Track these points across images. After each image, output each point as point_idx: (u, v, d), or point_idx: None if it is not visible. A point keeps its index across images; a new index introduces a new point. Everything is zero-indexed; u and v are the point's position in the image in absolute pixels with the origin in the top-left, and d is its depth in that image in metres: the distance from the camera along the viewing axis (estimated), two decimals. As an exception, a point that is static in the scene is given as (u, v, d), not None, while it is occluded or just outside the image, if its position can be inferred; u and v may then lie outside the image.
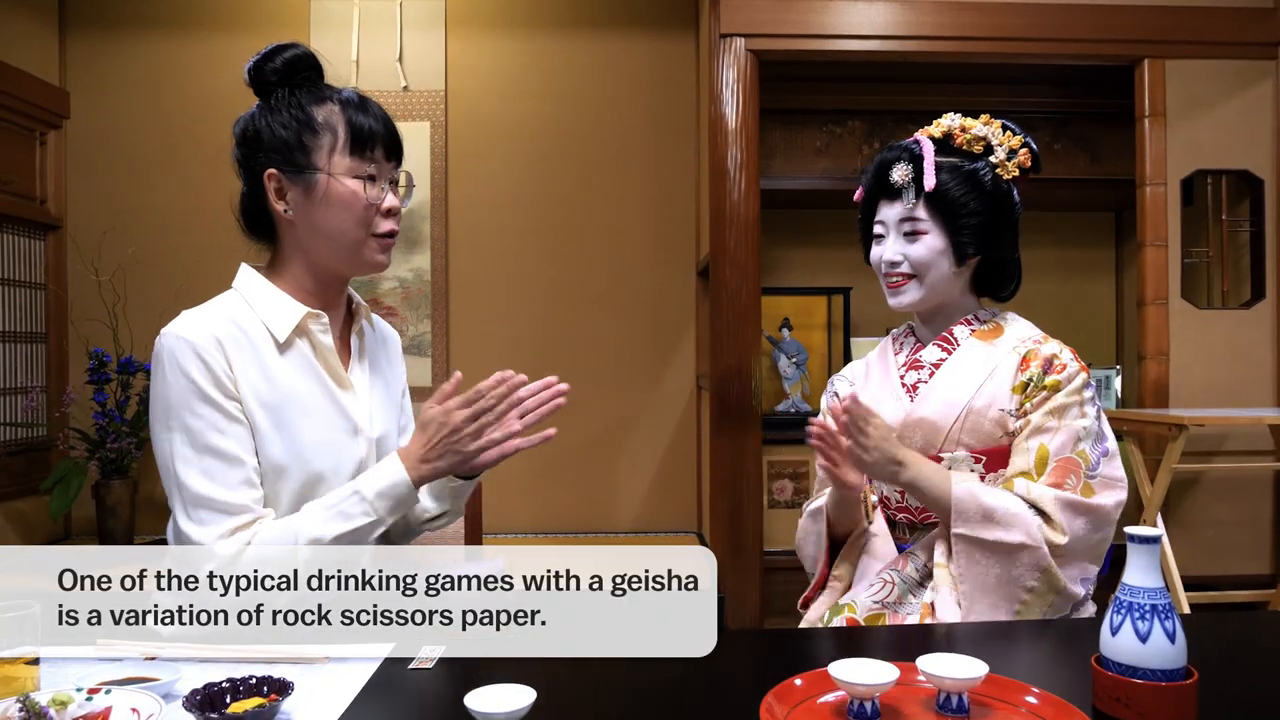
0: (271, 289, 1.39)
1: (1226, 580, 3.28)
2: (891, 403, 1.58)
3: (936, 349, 1.60)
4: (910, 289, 1.57)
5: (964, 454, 1.51)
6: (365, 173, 1.35)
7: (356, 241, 1.37)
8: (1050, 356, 1.50)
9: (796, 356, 4.07)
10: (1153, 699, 0.90)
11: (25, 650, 0.99)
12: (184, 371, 1.28)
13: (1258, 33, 3.33)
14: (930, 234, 1.54)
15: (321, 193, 1.35)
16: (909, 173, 1.53)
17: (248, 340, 1.34)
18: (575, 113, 4.16)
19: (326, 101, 1.37)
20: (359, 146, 1.35)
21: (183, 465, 1.28)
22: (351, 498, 1.30)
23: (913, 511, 1.56)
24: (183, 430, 1.28)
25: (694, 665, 1.13)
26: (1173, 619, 0.92)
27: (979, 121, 1.59)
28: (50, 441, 3.86)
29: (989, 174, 1.56)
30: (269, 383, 1.33)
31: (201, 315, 1.35)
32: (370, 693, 1.01)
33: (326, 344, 1.40)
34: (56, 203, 4.01)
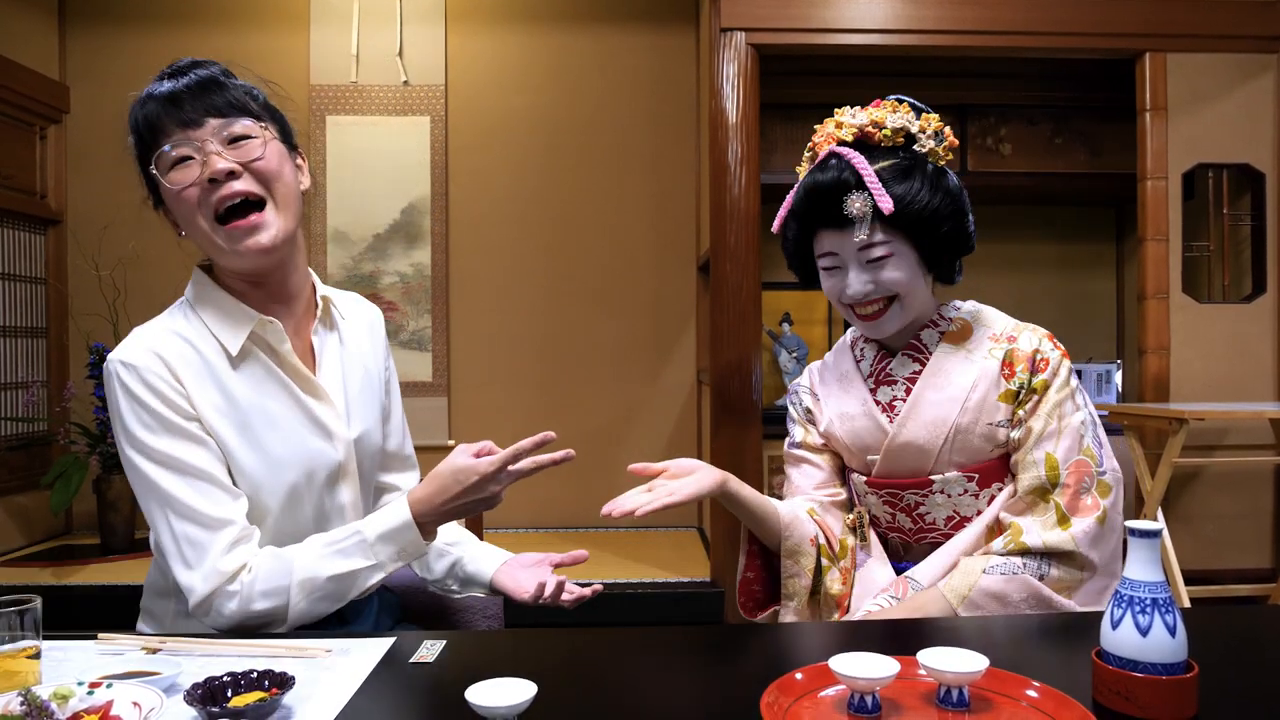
0: (220, 296, 1.31)
1: (1227, 574, 3.29)
2: (866, 423, 1.49)
3: (907, 360, 1.48)
4: (892, 315, 1.43)
5: (955, 474, 1.43)
6: (173, 159, 1.24)
7: (214, 239, 1.26)
8: (1031, 354, 1.42)
9: (797, 351, 4.07)
10: (1153, 692, 0.90)
11: (27, 644, 0.99)
12: (135, 398, 1.22)
13: (1259, 26, 3.33)
14: (897, 254, 1.39)
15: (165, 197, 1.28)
16: (867, 201, 1.36)
17: (199, 356, 1.27)
18: (575, 107, 4.16)
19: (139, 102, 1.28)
20: (152, 138, 1.25)
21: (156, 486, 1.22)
22: (351, 537, 1.25)
23: (905, 532, 1.51)
24: (148, 455, 1.22)
25: (695, 660, 1.13)
26: (1173, 613, 0.92)
27: (886, 110, 1.45)
28: (51, 436, 3.86)
29: (929, 167, 1.41)
30: (227, 398, 1.27)
31: (148, 335, 1.28)
32: (372, 687, 1.01)
33: (285, 351, 1.32)
34: (57, 197, 4.01)
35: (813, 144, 1.49)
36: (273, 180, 1.27)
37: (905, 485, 1.47)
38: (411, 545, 1.26)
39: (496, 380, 4.13)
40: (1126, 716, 0.91)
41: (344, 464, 1.36)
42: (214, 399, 1.26)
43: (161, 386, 1.23)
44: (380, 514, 1.27)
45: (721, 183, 3.22)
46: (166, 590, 1.34)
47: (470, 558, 1.49)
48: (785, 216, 1.50)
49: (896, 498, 1.48)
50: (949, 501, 1.45)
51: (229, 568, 1.21)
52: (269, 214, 1.27)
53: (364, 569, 1.24)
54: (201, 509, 1.22)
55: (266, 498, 1.29)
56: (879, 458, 1.47)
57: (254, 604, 1.21)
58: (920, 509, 1.47)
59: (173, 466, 1.22)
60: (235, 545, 1.23)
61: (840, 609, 1.49)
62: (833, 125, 1.47)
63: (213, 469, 1.24)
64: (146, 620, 1.39)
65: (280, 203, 1.28)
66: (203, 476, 1.23)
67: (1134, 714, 0.90)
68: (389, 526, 1.25)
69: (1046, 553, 1.34)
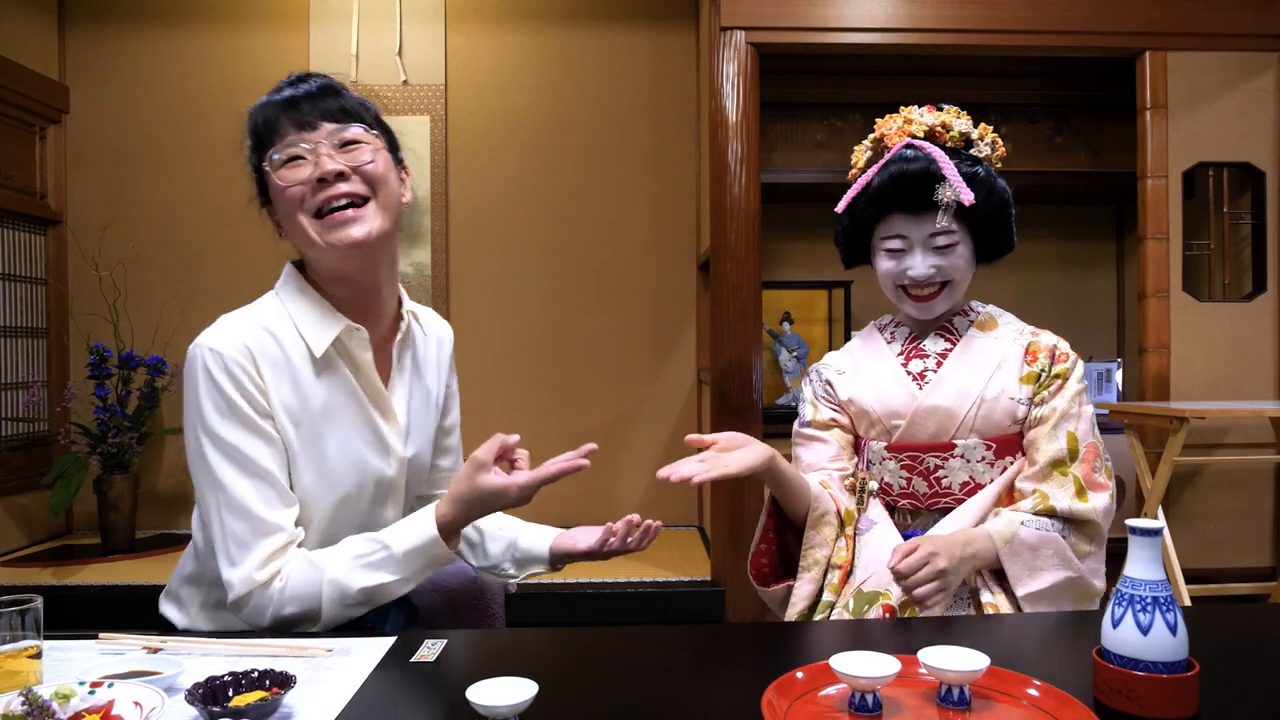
0: (311, 297, 1.33)
1: (1227, 573, 3.29)
2: (896, 388, 1.59)
3: (939, 339, 1.63)
4: (942, 299, 1.58)
5: (976, 440, 1.54)
6: (285, 156, 1.29)
7: (313, 235, 1.29)
8: (1051, 347, 1.57)
9: (797, 350, 4.07)
10: (1154, 691, 0.90)
11: (28, 644, 0.99)
12: (216, 385, 1.23)
13: (1259, 24, 3.32)
14: (961, 243, 1.55)
15: (272, 195, 1.32)
16: (953, 194, 1.50)
17: (283, 353, 1.29)
18: (575, 106, 4.16)
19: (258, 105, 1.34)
20: (267, 137, 1.30)
21: (218, 479, 1.24)
22: (378, 551, 1.26)
23: (918, 498, 1.57)
24: (215, 444, 1.24)
25: (696, 659, 1.13)
26: (1174, 611, 0.92)
27: (951, 115, 1.59)
28: (51, 436, 3.86)
29: (987, 171, 1.57)
30: (301, 399, 1.29)
31: (237, 324, 1.29)
32: (373, 686, 1.01)
33: (365, 361, 1.34)
34: (57, 197, 4.01)
35: (879, 134, 1.61)
36: (378, 184, 1.31)
37: (927, 449, 1.56)
38: (441, 557, 1.28)
39: (497, 379, 4.12)
40: (1127, 715, 0.91)
41: (394, 481, 1.38)
42: (289, 399, 1.28)
43: (243, 379, 1.24)
44: (406, 529, 1.27)
45: (722, 182, 3.22)
46: (199, 579, 1.35)
47: (524, 536, 1.54)
48: (857, 197, 1.60)
49: (916, 461, 1.57)
50: (967, 467, 1.55)
51: (266, 575, 1.22)
52: (368, 209, 1.30)
53: (393, 582, 1.26)
54: (255, 509, 1.23)
55: (316, 504, 1.30)
56: (904, 422, 1.57)
57: (285, 609, 1.23)
58: (939, 473, 1.56)
59: (237, 460, 1.23)
60: (278, 552, 1.24)
61: (842, 573, 1.55)
62: (901, 120, 1.59)
63: (275, 469, 1.26)
64: (170, 604, 1.39)
65: (381, 203, 1.31)
66: (264, 476, 1.24)
67: (1135, 713, 0.91)
68: (417, 543, 1.26)
69: (1070, 519, 1.47)
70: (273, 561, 1.23)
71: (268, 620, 1.23)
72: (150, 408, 3.74)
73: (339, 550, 1.27)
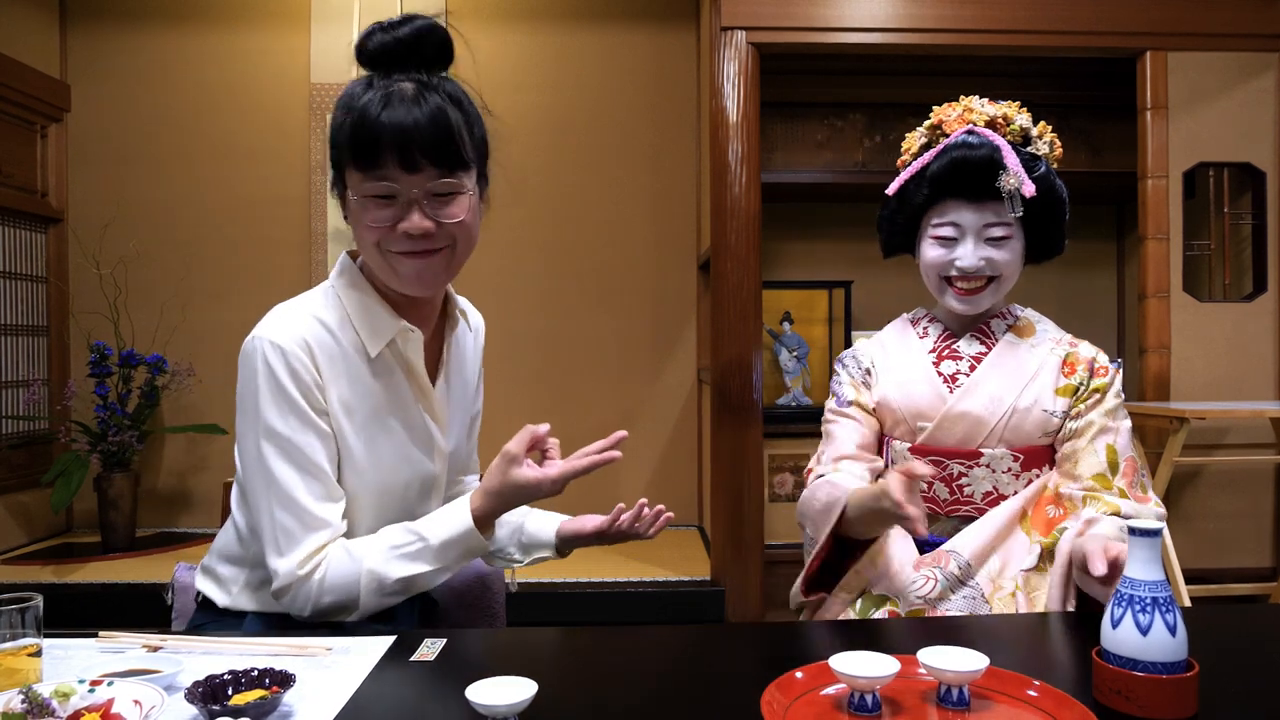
0: (367, 293, 1.31)
1: (1227, 573, 3.29)
2: (925, 389, 1.55)
3: (975, 341, 1.58)
4: (989, 293, 1.53)
5: (1004, 451, 1.51)
6: (375, 191, 1.21)
7: (381, 262, 1.26)
8: (1090, 359, 1.54)
9: (798, 350, 4.07)
10: (1153, 691, 0.90)
11: (28, 642, 0.99)
12: (274, 378, 1.23)
13: (1260, 25, 3.32)
14: (1014, 237, 1.51)
15: (349, 207, 1.26)
16: (1016, 181, 1.45)
17: (339, 349, 1.28)
18: (576, 106, 4.16)
19: (358, 100, 1.21)
20: (364, 157, 1.20)
21: (271, 472, 1.24)
22: (414, 542, 1.26)
23: (939, 503, 1.54)
24: (270, 437, 1.23)
25: (696, 659, 1.13)
26: (1174, 612, 0.92)
27: (1010, 107, 1.56)
28: (52, 434, 3.86)
29: (1047, 168, 1.53)
30: (357, 395, 1.29)
31: (295, 317, 1.28)
32: (372, 685, 1.01)
33: (417, 362, 1.33)
34: (58, 196, 4.01)
35: (937, 120, 1.58)
36: (460, 238, 1.27)
37: (952, 455, 1.52)
38: (476, 547, 1.28)
39: (497, 379, 4.09)
40: (1126, 715, 0.91)
41: (438, 477, 1.39)
42: (345, 395, 1.28)
43: (303, 374, 1.24)
44: (442, 520, 1.28)
45: (722, 181, 3.22)
46: (243, 560, 1.35)
47: (531, 521, 1.54)
48: (912, 179, 1.56)
49: (941, 466, 1.53)
50: (991, 476, 1.52)
51: (309, 569, 1.23)
52: (440, 260, 1.26)
53: (430, 572, 1.26)
54: (305, 504, 1.24)
55: (365, 498, 1.31)
56: (932, 425, 1.53)
57: (324, 599, 1.24)
58: (962, 480, 1.52)
59: (291, 455, 1.24)
60: (323, 548, 1.24)
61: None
62: (961, 109, 1.56)
63: (326, 465, 1.26)
64: (210, 580, 1.39)
65: (458, 256, 1.28)
66: (315, 472, 1.25)
67: (1134, 713, 0.91)
68: (453, 533, 1.26)
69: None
70: (317, 556, 1.24)
71: (308, 611, 1.24)
72: (150, 406, 3.74)
73: (376, 541, 1.27)
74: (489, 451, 1.56)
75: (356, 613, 1.26)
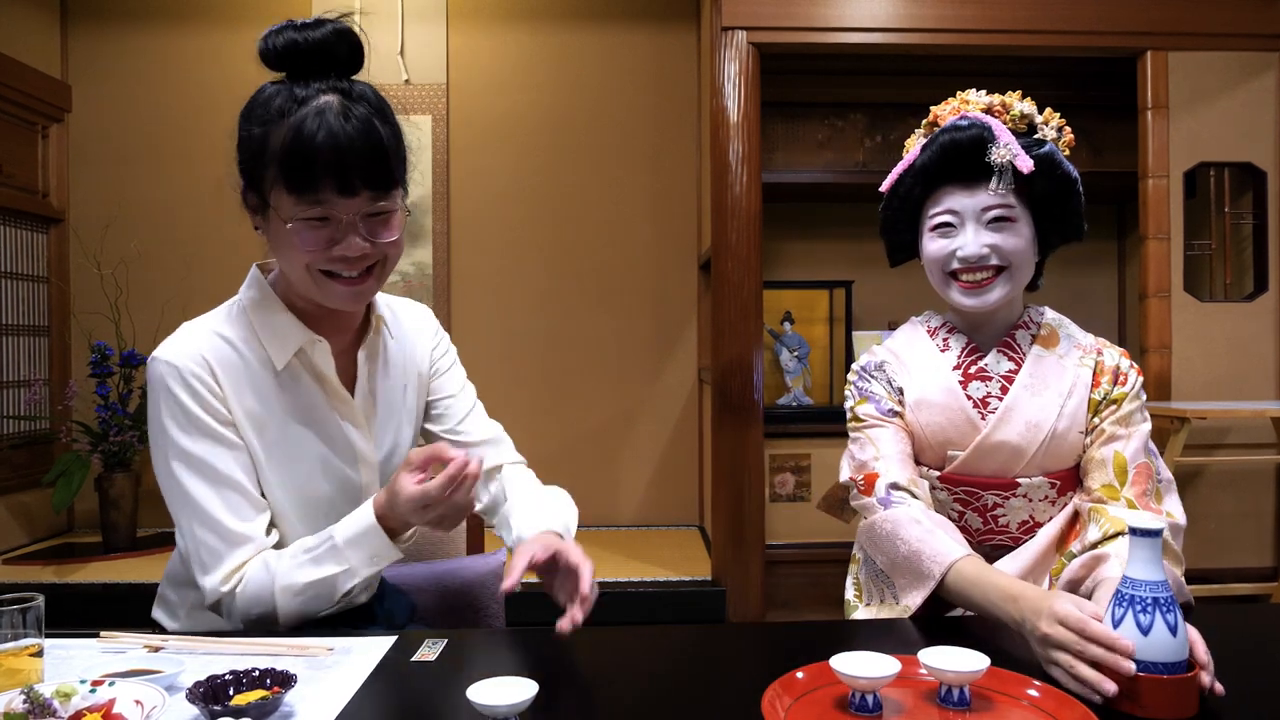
0: (275, 306, 1.29)
1: (1229, 573, 3.28)
2: (955, 416, 1.42)
3: (1003, 358, 1.45)
4: (998, 286, 1.39)
5: (1041, 479, 1.42)
6: (310, 215, 1.16)
7: (311, 283, 1.22)
8: (1114, 368, 1.43)
9: (798, 350, 4.07)
10: (1153, 691, 0.90)
11: (29, 642, 0.99)
12: (174, 398, 1.22)
13: (1260, 24, 3.32)
14: (1019, 221, 1.38)
15: (273, 227, 1.20)
16: (1009, 154, 1.34)
17: (243, 362, 1.26)
18: (577, 106, 4.16)
19: (285, 117, 1.15)
20: (298, 183, 1.14)
21: (185, 492, 1.23)
22: (324, 543, 1.23)
23: (972, 532, 1.46)
24: (180, 457, 1.23)
25: (696, 659, 1.13)
26: (1174, 611, 0.92)
27: (1011, 96, 1.46)
28: (53, 434, 3.86)
29: (1053, 149, 1.40)
30: (265, 407, 1.27)
31: (193, 334, 1.27)
32: (373, 685, 1.01)
33: (328, 372, 1.30)
34: (59, 196, 4.02)
35: (933, 117, 1.48)
36: (392, 254, 1.25)
37: (986, 485, 1.42)
38: (382, 549, 1.22)
39: (498, 378, 4.12)
40: (1127, 716, 0.91)
41: (365, 488, 1.36)
42: (252, 407, 1.26)
43: (200, 389, 1.22)
44: (351, 517, 1.24)
45: (723, 181, 3.22)
46: (186, 581, 1.34)
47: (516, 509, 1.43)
48: (905, 174, 1.46)
49: (974, 496, 1.44)
50: (1028, 505, 1.43)
51: (231, 585, 1.22)
52: (372, 279, 1.24)
53: (338, 574, 1.22)
54: (223, 520, 1.22)
55: (288, 512, 1.30)
56: (964, 454, 1.42)
57: (250, 611, 1.23)
58: (996, 510, 1.44)
59: (202, 472, 1.23)
60: (244, 560, 1.23)
61: None
62: (957, 101, 1.47)
63: (241, 477, 1.24)
64: (161, 607, 1.40)
65: (389, 269, 1.26)
66: (231, 485, 1.24)
67: (1134, 713, 0.91)
68: (356, 530, 1.22)
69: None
70: (240, 571, 1.23)
71: (236, 620, 1.24)
72: (151, 406, 3.74)
73: (293, 546, 1.26)
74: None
75: (280, 623, 1.23)
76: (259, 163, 1.19)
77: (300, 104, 1.16)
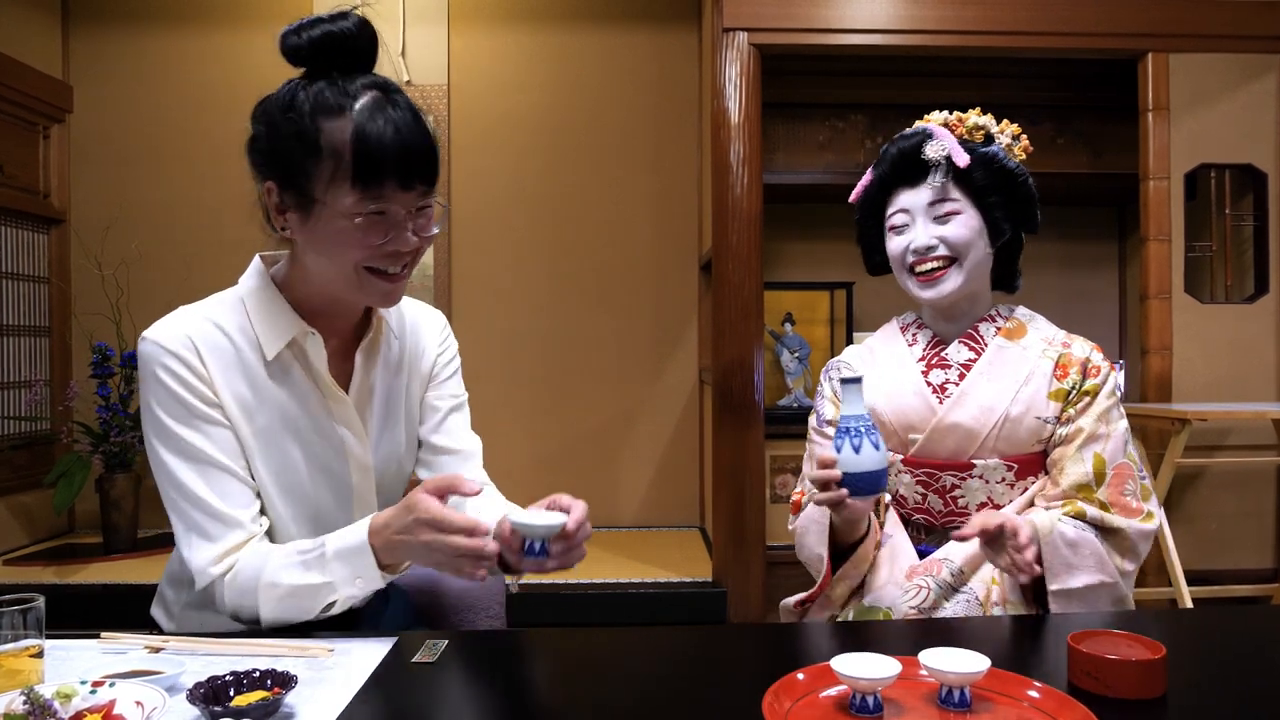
0: (272, 296, 1.28)
1: (1229, 575, 3.28)
2: (915, 401, 1.52)
3: (964, 348, 1.54)
4: (950, 276, 1.49)
5: (997, 461, 1.48)
6: (371, 209, 1.17)
7: (355, 279, 1.23)
8: (1083, 360, 1.49)
9: (799, 351, 4.07)
10: (1120, 673, 0.95)
11: (30, 643, 0.99)
12: (158, 378, 1.22)
13: (1261, 26, 3.32)
14: (965, 213, 1.48)
15: (320, 225, 1.20)
16: (942, 150, 1.46)
17: (234, 348, 1.26)
18: (578, 107, 4.16)
19: (340, 112, 1.16)
20: (365, 179, 1.15)
21: (171, 474, 1.22)
22: (316, 550, 1.20)
23: (933, 514, 1.53)
24: (166, 438, 1.22)
25: (697, 660, 1.13)
26: (875, 434, 1.28)
27: (970, 115, 1.55)
28: (54, 435, 3.86)
29: (1004, 154, 1.52)
30: (255, 394, 1.26)
31: (183, 317, 1.26)
32: (373, 687, 1.01)
33: (319, 365, 1.30)
34: (60, 196, 4.02)
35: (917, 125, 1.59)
36: (424, 249, 1.27)
37: (944, 467, 1.50)
38: (367, 571, 1.18)
39: (498, 379, 4.12)
40: (1099, 697, 0.94)
41: (357, 488, 1.35)
42: (241, 392, 1.26)
43: (183, 371, 1.22)
44: (348, 529, 1.21)
45: (724, 182, 3.22)
46: (182, 580, 1.35)
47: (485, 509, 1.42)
48: (867, 185, 1.59)
49: (933, 478, 1.52)
50: (985, 487, 1.50)
51: (221, 569, 1.22)
52: (407, 276, 1.27)
53: (320, 585, 1.19)
54: (211, 503, 1.22)
55: (276, 501, 1.29)
56: (922, 437, 1.50)
57: (237, 601, 1.22)
58: (955, 492, 1.51)
59: (191, 456, 1.22)
60: (237, 547, 1.23)
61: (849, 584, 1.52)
62: (924, 119, 1.58)
63: (231, 461, 1.24)
64: (159, 604, 1.40)
65: (417, 265, 1.29)
66: (218, 466, 1.23)
67: (1103, 693, 0.94)
68: (347, 545, 1.19)
69: (1100, 525, 1.40)
70: (230, 556, 1.22)
71: (228, 613, 1.23)
72: (152, 407, 3.74)
73: (289, 545, 1.24)
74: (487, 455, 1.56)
75: (260, 622, 1.21)
76: (308, 160, 1.17)
77: (352, 99, 1.17)
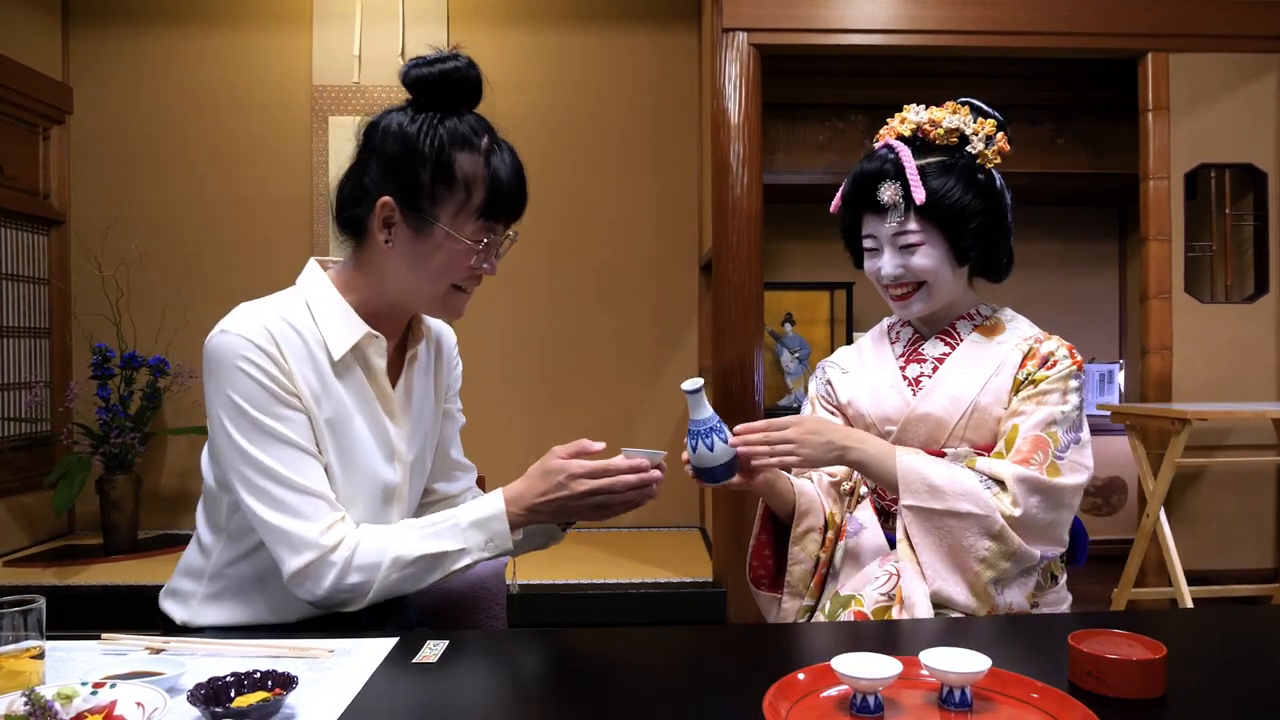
0: (335, 300, 1.33)
1: (1229, 575, 3.28)
2: (891, 394, 1.57)
3: (939, 343, 1.59)
4: (919, 299, 1.54)
5: (967, 450, 1.50)
6: (485, 239, 1.32)
7: (440, 295, 1.34)
8: (1047, 354, 1.50)
9: (799, 351, 4.07)
10: (1121, 672, 0.95)
11: (30, 644, 0.99)
12: (240, 370, 1.23)
13: (1261, 26, 3.32)
14: (927, 244, 1.50)
15: (432, 245, 1.30)
16: (898, 191, 1.48)
17: (305, 347, 1.29)
18: (578, 107, 4.16)
19: (472, 150, 1.30)
20: (491, 212, 1.31)
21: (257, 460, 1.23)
22: (446, 521, 1.29)
23: None
24: (251, 424, 1.23)
25: (697, 660, 1.13)
26: (724, 432, 1.39)
27: (946, 111, 1.54)
28: (54, 436, 3.87)
29: (973, 168, 1.51)
30: (324, 391, 1.30)
31: (258, 311, 1.29)
32: (374, 687, 1.01)
33: (379, 367, 1.35)
34: (60, 198, 4.02)
35: (878, 136, 1.61)
36: None
37: None
38: (499, 536, 1.29)
39: (498, 379, 4.13)
40: (1100, 696, 0.94)
41: (399, 486, 1.39)
42: (314, 386, 1.29)
43: (267, 364, 1.24)
44: (476, 502, 1.31)
45: (724, 182, 3.23)
46: (201, 572, 1.35)
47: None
48: (838, 200, 1.63)
49: None
50: None
51: (330, 541, 1.23)
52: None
53: (452, 551, 1.27)
54: (306, 484, 1.24)
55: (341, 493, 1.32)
56: (897, 428, 1.54)
57: (348, 577, 1.23)
58: None
59: (280, 439, 1.24)
60: (335, 520, 1.25)
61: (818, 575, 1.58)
62: (897, 120, 1.58)
63: (309, 444, 1.27)
64: (170, 600, 1.39)
65: None
66: (305, 451, 1.26)
67: (1104, 693, 0.95)
68: (482, 515, 1.29)
69: (989, 474, 1.43)
70: (334, 529, 1.24)
71: (325, 589, 1.23)
72: (153, 408, 3.74)
73: (401, 524, 1.31)
74: (488, 455, 1.57)
75: (368, 597, 1.25)
76: (437, 186, 1.28)
77: (479, 136, 1.32)
